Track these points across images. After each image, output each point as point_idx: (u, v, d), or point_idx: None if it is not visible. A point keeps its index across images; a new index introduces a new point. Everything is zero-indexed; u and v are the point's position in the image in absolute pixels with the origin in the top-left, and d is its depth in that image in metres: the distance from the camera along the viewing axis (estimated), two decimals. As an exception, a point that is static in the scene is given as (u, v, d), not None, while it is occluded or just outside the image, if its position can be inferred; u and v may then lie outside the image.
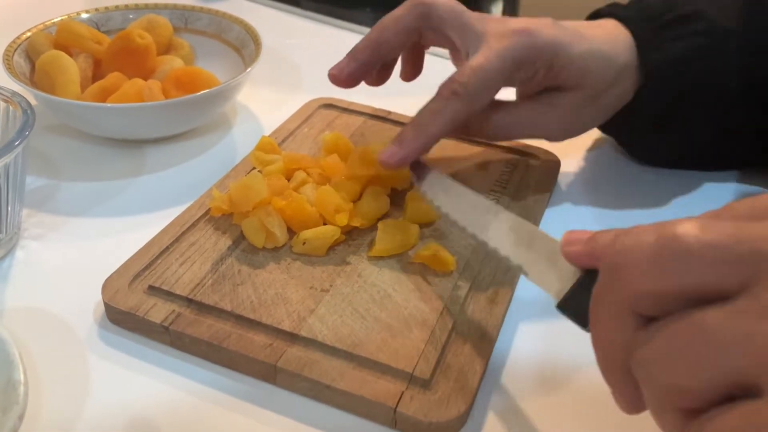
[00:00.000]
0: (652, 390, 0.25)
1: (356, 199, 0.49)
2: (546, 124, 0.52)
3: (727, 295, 0.23)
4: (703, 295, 0.23)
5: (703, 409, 0.23)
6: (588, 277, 0.31)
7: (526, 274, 0.35)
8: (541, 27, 0.48)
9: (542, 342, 0.42)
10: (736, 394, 0.22)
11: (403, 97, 0.59)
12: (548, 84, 0.50)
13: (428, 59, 0.75)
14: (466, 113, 0.47)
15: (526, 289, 0.46)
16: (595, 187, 0.57)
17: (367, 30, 0.81)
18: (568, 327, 0.44)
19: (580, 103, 0.51)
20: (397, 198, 0.50)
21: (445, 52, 0.57)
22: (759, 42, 0.50)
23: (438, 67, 0.58)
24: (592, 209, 0.54)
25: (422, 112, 0.48)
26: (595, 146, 0.61)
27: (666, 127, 0.54)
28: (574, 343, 0.42)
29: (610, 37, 0.51)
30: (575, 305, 0.31)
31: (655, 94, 0.52)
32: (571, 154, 0.60)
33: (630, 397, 0.27)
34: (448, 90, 0.47)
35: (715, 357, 0.22)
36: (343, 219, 0.46)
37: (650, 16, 0.52)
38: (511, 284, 0.44)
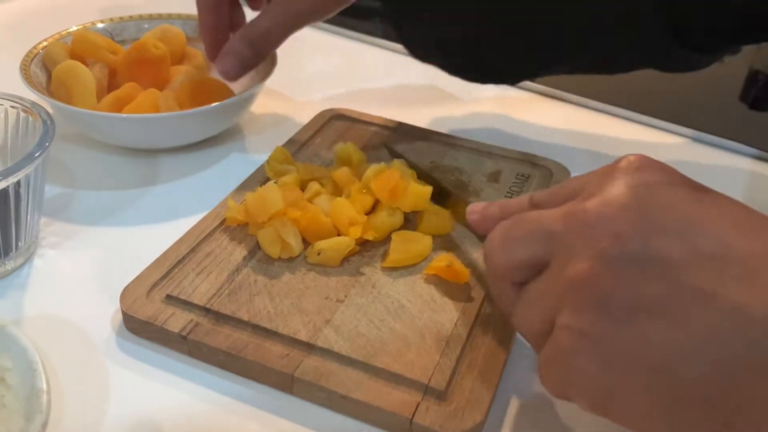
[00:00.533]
0: (522, 334, 0.36)
1: (369, 212, 0.49)
2: (289, 23, 0.56)
3: (545, 262, 0.33)
4: (534, 265, 0.34)
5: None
6: None
7: None
8: None
9: (555, 353, 0.43)
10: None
11: (414, 107, 0.60)
12: None
13: (439, 70, 0.75)
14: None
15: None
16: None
17: (376, 40, 0.82)
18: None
19: None
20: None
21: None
22: None
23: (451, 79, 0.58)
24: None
25: None
26: (605, 158, 0.62)
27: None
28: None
29: None
30: None
31: None
32: (581, 165, 0.60)
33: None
34: None
35: (533, 309, 0.33)
36: (356, 232, 0.46)
37: None
38: (524, 296, 0.45)
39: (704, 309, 0.27)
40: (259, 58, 0.57)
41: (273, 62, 0.62)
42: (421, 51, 0.58)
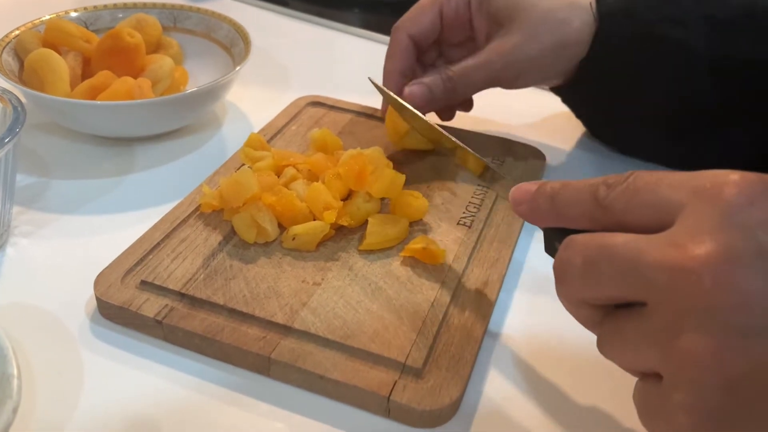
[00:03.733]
0: (610, 359, 0.32)
1: (345, 198, 0.49)
2: (499, 58, 0.53)
3: (640, 301, 0.29)
4: (624, 299, 0.30)
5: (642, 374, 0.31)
6: (547, 228, 0.37)
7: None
8: None
9: (532, 330, 0.43)
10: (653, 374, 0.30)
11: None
12: (486, 19, 0.55)
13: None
14: (408, 41, 0.56)
15: (514, 279, 0.47)
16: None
17: (354, 30, 0.82)
18: (557, 315, 0.44)
19: (524, 34, 0.53)
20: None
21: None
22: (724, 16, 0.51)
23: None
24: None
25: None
26: (580, 143, 0.62)
27: (625, 92, 0.55)
28: (563, 331, 0.43)
29: None
30: (551, 250, 0.36)
31: (609, 37, 0.53)
32: (557, 149, 0.61)
33: None
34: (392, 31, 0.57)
35: (629, 350, 0.30)
36: (330, 216, 0.46)
37: None
38: (500, 275, 0.45)
39: None
40: (452, 94, 0.55)
41: (247, 48, 0.61)
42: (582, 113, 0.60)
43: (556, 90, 0.59)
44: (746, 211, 0.27)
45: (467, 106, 0.60)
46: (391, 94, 0.53)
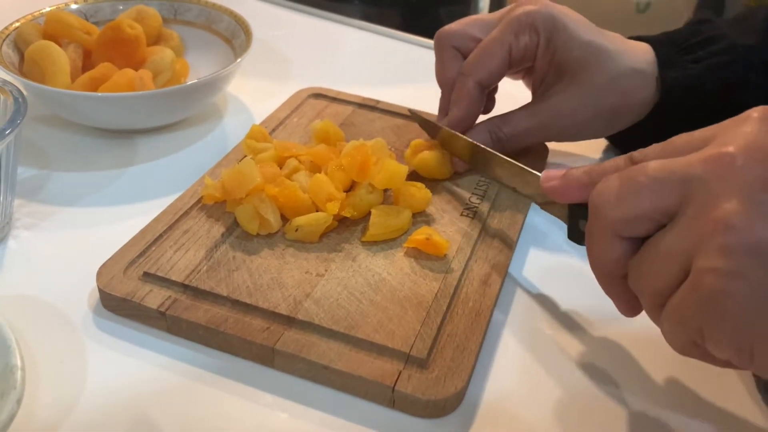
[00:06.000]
0: (638, 293, 0.33)
1: (348, 189, 0.49)
2: (554, 121, 0.52)
3: (674, 211, 0.31)
4: (657, 215, 0.32)
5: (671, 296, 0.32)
6: (572, 208, 0.40)
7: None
8: (554, 4, 0.51)
9: (536, 320, 0.43)
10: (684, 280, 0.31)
11: (392, 86, 0.60)
12: (549, 62, 0.52)
13: (419, 51, 0.76)
14: (476, 88, 0.52)
15: (518, 269, 0.47)
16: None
17: (355, 21, 0.82)
18: (562, 304, 0.44)
19: (584, 99, 0.52)
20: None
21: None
22: None
23: (429, 59, 0.58)
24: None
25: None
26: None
27: None
28: (567, 320, 0.43)
29: (629, 46, 0.53)
30: (576, 234, 0.40)
31: (671, 109, 0.52)
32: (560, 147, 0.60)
33: (627, 303, 0.36)
34: (458, 74, 0.53)
35: (664, 261, 0.31)
36: (333, 208, 0.46)
37: (675, 41, 0.53)
38: (504, 265, 0.45)
39: None
40: (501, 152, 0.52)
41: (249, 39, 0.61)
42: None
43: None
44: None
45: (488, 109, 0.58)
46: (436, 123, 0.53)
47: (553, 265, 0.41)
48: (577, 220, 0.39)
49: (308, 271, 0.43)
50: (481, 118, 0.55)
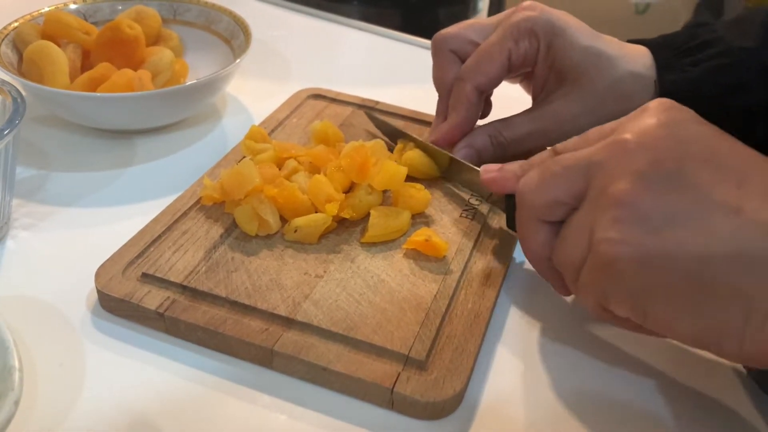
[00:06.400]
0: (562, 270, 0.38)
1: (347, 190, 0.49)
2: (555, 126, 0.52)
3: (583, 194, 0.36)
4: (571, 199, 0.37)
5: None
6: (509, 199, 0.44)
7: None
8: (553, 9, 0.52)
9: (535, 322, 0.43)
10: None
11: (391, 87, 0.60)
12: (550, 68, 0.52)
13: (418, 51, 0.76)
14: (474, 93, 0.52)
15: (517, 270, 0.47)
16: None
17: (354, 22, 0.82)
18: (558, 307, 0.44)
19: (585, 105, 0.51)
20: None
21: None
22: None
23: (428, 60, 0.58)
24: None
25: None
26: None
27: None
28: (565, 322, 0.43)
29: (628, 50, 0.52)
30: (513, 222, 0.44)
31: None
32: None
33: (557, 281, 0.40)
34: (456, 79, 0.53)
35: (574, 238, 0.36)
36: (333, 209, 0.46)
37: (673, 44, 0.53)
38: (503, 267, 0.45)
39: (728, 219, 0.31)
40: (500, 157, 0.53)
41: (248, 40, 0.61)
42: None
43: None
44: (664, 112, 0.36)
45: (486, 112, 0.58)
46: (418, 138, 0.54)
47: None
48: (513, 210, 0.42)
49: (307, 272, 0.43)
50: (481, 122, 0.55)
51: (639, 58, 0.52)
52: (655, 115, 0.36)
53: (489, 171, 0.45)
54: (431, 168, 0.52)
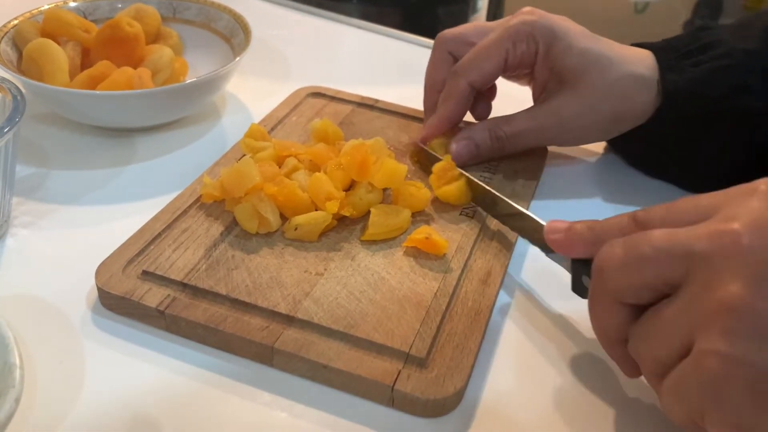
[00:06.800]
0: (638, 359, 0.34)
1: (347, 188, 0.49)
2: (554, 124, 0.53)
3: (677, 283, 0.31)
4: (660, 285, 0.32)
5: (670, 367, 0.31)
6: (576, 262, 0.40)
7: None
8: (552, 15, 0.52)
9: (535, 320, 0.43)
10: (685, 355, 0.30)
11: (391, 85, 0.60)
12: (550, 70, 0.52)
13: (418, 50, 0.76)
14: (467, 88, 0.52)
15: (517, 268, 0.47)
16: (579, 177, 0.58)
17: (354, 21, 0.82)
18: (560, 305, 0.44)
19: (584, 104, 0.52)
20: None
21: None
22: None
23: (427, 59, 0.58)
24: (575, 201, 0.55)
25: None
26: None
27: (686, 148, 0.54)
28: (566, 319, 0.43)
29: (629, 52, 0.53)
30: (579, 287, 0.40)
31: (673, 114, 0.52)
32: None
33: (628, 366, 0.36)
34: (451, 73, 0.53)
35: (665, 332, 0.31)
36: (333, 207, 0.46)
37: (675, 46, 0.53)
38: (503, 266, 0.45)
39: None
40: (499, 152, 0.54)
41: (248, 38, 0.61)
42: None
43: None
44: None
45: (484, 115, 0.58)
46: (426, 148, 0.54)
47: (552, 264, 0.41)
48: (581, 275, 0.39)
49: (307, 270, 0.43)
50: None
51: (641, 60, 0.52)
52: (765, 199, 0.31)
53: (555, 231, 0.40)
54: (465, 198, 0.50)
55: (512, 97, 0.57)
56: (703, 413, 0.30)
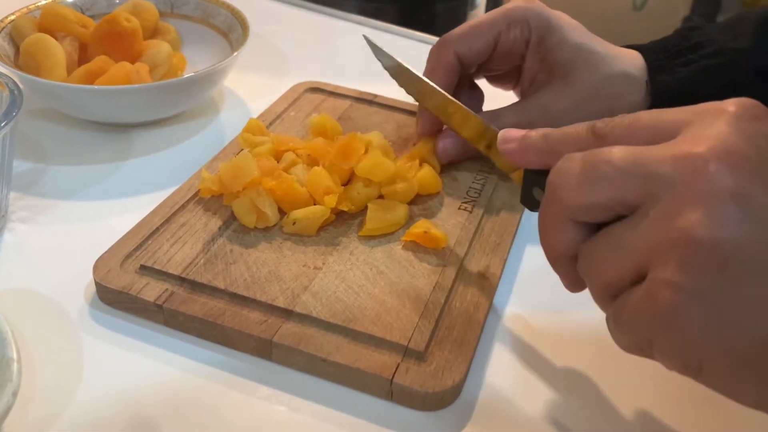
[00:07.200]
0: (587, 279, 0.32)
1: (345, 183, 0.49)
2: (542, 120, 0.52)
3: (635, 205, 0.29)
4: (617, 206, 0.30)
5: (621, 291, 0.30)
6: (527, 172, 0.37)
7: None
8: (548, 8, 0.52)
9: (534, 314, 0.43)
10: (638, 280, 0.29)
11: (389, 80, 0.60)
12: (540, 62, 0.52)
13: (416, 45, 0.76)
14: (454, 59, 0.52)
15: (516, 262, 0.47)
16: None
17: (352, 16, 0.82)
18: (559, 299, 0.44)
19: (573, 99, 0.51)
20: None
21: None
22: None
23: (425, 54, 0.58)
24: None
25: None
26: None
27: None
28: (564, 314, 0.43)
29: (620, 51, 0.53)
30: (529, 200, 0.37)
31: None
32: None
33: (572, 281, 0.34)
34: (437, 44, 0.53)
35: (618, 256, 0.30)
36: (331, 201, 0.46)
37: (664, 47, 0.53)
38: (502, 259, 0.45)
39: None
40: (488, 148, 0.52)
41: (246, 33, 0.61)
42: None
43: None
44: (750, 122, 0.29)
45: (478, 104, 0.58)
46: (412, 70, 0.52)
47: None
48: (532, 187, 0.37)
49: (306, 264, 0.43)
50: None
51: (631, 60, 0.53)
52: (738, 122, 0.29)
53: (509, 140, 0.37)
54: (436, 184, 0.51)
55: (507, 97, 0.57)
56: (652, 341, 0.29)
